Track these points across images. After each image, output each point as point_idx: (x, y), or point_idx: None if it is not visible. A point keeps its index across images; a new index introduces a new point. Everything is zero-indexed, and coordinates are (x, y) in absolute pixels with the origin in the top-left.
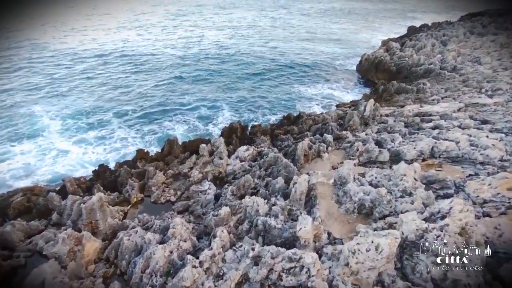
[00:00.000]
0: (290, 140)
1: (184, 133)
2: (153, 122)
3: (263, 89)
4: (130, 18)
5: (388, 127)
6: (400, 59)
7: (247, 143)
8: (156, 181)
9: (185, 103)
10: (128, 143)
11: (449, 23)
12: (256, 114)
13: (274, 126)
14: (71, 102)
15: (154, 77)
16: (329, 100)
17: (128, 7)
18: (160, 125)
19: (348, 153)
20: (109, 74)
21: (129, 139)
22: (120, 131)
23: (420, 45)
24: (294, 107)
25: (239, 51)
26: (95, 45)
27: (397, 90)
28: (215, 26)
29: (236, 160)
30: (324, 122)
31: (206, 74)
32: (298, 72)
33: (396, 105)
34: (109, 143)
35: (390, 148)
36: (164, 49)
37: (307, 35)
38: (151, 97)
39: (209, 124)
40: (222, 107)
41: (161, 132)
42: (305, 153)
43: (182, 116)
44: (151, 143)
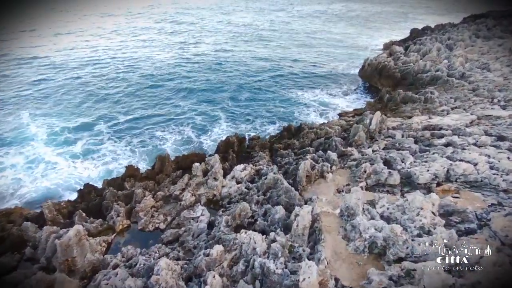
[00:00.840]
0: (291, 156)
1: (177, 146)
2: (144, 133)
3: (261, 95)
4: (125, 22)
5: (396, 143)
6: (405, 65)
7: (245, 157)
8: (144, 205)
9: (179, 111)
10: (118, 156)
11: (453, 25)
12: (253, 124)
13: (274, 139)
14: (60, 109)
15: (147, 83)
16: (330, 107)
17: (124, 10)
18: (152, 136)
19: (354, 174)
20: (100, 80)
21: (118, 152)
22: (109, 142)
23: (425, 50)
24: (293, 115)
25: (237, 55)
26: (87, 51)
27: (404, 99)
28: (213, 29)
29: (232, 181)
30: (327, 137)
31: (203, 79)
32: (297, 76)
33: (403, 115)
34: (97, 156)
35: (400, 169)
36: (159, 53)
37: (306, 38)
38: (144, 105)
39: (204, 135)
40: (218, 115)
41: (152, 144)
42: (307, 174)
43: (175, 126)
44: (141, 156)
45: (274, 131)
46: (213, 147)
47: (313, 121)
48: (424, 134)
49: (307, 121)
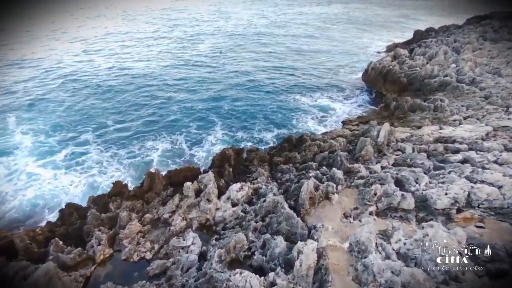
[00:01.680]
0: (292, 172)
1: (169, 158)
2: (134, 142)
3: (258, 100)
4: (121, 23)
5: (407, 158)
6: (411, 69)
7: (242, 171)
8: (129, 231)
9: (173, 117)
10: (105, 169)
11: (458, 27)
12: (250, 131)
13: (274, 151)
14: (48, 115)
15: (140, 88)
16: (331, 113)
17: (120, 10)
18: (142, 146)
19: (363, 196)
20: (91, 85)
21: (105, 164)
22: (96, 152)
23: (431, 53)
24: (291, 122)
25: (233, 58)
26: (80, 53)
27: (412, 107)
28: (210, 32)
29: (227, 202)
30: (331, 150)
31: (198, 82)
32: (296, 80)
33: (411, 125)
34: (82, 169)
35: (414, 192)
36: (153, 57)
37: (305, 39)
38: (135, 111)
39: (198, 144)
40: (213, 122)
41: (142, 155)
42: (310, 195)
43: (167, 134)
44: (129, 169)
45: (272, 139)
46: (207, 157)
47: (313, 128)
48: (437, 148)
49: (307, 129)
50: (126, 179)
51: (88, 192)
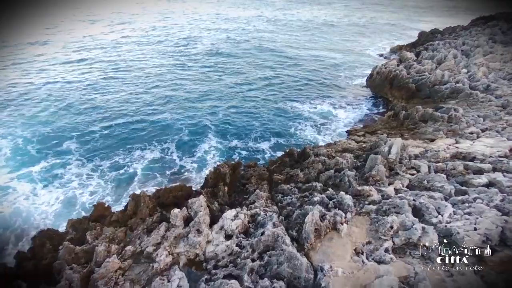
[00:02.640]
0: (294, 193)
1: (158, 171)
2: (120, 151)
3: (255, 106)
4: (115, 20)
5: (424, 179)
6: (420, 74)
7: (239, 192)
8: (105, 270)
9: (164, 123)
10: (86, 183)
11: (464, 28)
12: (246, 140)
13: (273, 166)
14: (30, 118)
15: (132, 91)
16: (333, 121)
17: (115, 8)
18: (128, 156)
19: (376, 228)
20: (79, 88)
21: (84, 177)
22: (77, 163)
23: (440, 57)
24: (289, 130)
25: (230, 61)
26: (71, 54)
27: (423, 117)
28: (205, 31)
29: (220, 233)
30: (338, 168)
31: (191, 86)
32: (295, 85)
33: (424, 137)
34: (60, 183)
35: (436, 224)
36: (147, 58)
37: (304, 42)
38: (124, 116)
39: (190, 154)
40: (207, 129)
41: (127, 168)
42: (316, 227)
43: (158, 142)
44: (112, 183)
45: (270, 149)
46: (199, 168)
47: (313, 138)
48: (456, 167)
49: (306, 138)
50: (109, 195)
51: (66, 211)
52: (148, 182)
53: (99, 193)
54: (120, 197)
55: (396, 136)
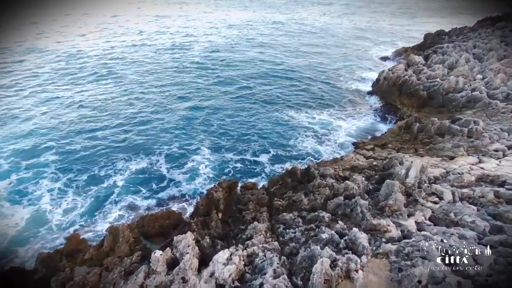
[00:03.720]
0: (298, 225)
1: (142, 184)
2: (102, 163)
3: (251, 114)
4: (109, 22)
5: (450, 211)
6: (431, 81)
7: (234, 220)
8: None
9: (154, 132)
10: (59, 200)
11: (472, 29)
12: (243, 153)
13: (274, 188)
14: (7, 128)
15: (122, 96)
16: (335, 132)
17: (107, 10)
18: (111, 168)
19: (399, 279)
20: (66, 90)
21: (58, 192)
22: (51, 177)
23: (451, 61)
24: (289, 141)
25: (225, 66)
26: (60, 55)
27: (439, 130)
28: (202, 33)
29: (210, 282)
30: (348, 195)
31: (184, 93)
32: (293, 91)
33: (442, 154)
34: (30, 199)
35: (475, 276)
36: (141, 61)
37: (303, 45)
38: (110, 123)
39: (180, 167)
40: (200, 139)
41: (107, 182)
42: (326, 277)
43: (145, 154)
44: (88, 199)
45: (268, 162)
46: (189, 181)
47: (314, 151)
48: (485, 194)
49: (308, 151)
50: (84, 214)
51: (32, 233)
52: (130, 199)
53: (73, 212)
54: (96, 217)
55: (409, 151)
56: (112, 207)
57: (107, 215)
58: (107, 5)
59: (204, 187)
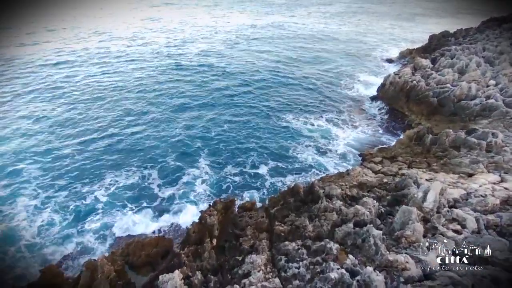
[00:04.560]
0: (303, 258)
1: (133, 203)
2: (87, 178)
3: (250, 121)
4: (103, 24)
5: (477, 244)
6: (440, 86)
7: (230, 248)
8: None
9: (146, 142)
10: (38, 219)
11: (478, 31)
12: (242, 164)
13: (275, 209)
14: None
15: (104, 104)
16: (336, 140)
17: (95, 13)
18: (97, 183)
19: None
20: (51, 98)
21: (31, 210)
22: (31, 193)
23: (461, 65)
24: (289, 153)
25: (223, 71)
26: (50, 59)
27: (455, 143)
28: (198, 37)
29: None
30: (359, 221)
31: (180, 99)
32: (296, 97)
33: (459, 171)
34: (3, 217)
35: None
36: (134, 66)
37: (305, 46)
38: (100, 134)
39: (174, 183)
40: (197, 149)
41: (91, 199)
42: None
43: (137, 167)
44: (70, 218)
45: (268, 174)
46: (182, 197)
47: (315, 161)
48: None
49: (309, 163)
50: (62, 237)
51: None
52: (115, 219)
53: (48, 233)
54: (72, 237)
55: (421, 165)
56: (94, 228)
57: (88, 240)
58: (99, 5)
59: (200, 204)
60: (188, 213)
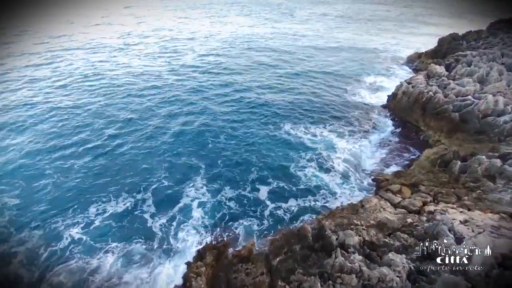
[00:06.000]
0: None
1: (115, 252)
2: (68, 205)
3: (248, 133)
4: (85, 33)
5: None
6: (462, 99)
7: None
8: None
9: (138, 159)
10: None
11: (491, 33)
12: (241, 185)
13: (278, 258)
14: None
15: (100, 114)
16: (347, 157)
17: (84, 20)
18: (79, 214)
19: None
20: (35, 112)
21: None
22: None
23: (481, 73)
24: (291, 171)
25: (220, 77)
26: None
27: (489, 172)
28: (195, 40)
29: None
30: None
31: (174, 109)
32: (299, 106)
33: (499, 210)
34: None
35: None
36: (119, 71)
37: (305, 50)
38: (86, 151)
39: (167, 211)
40: (193, 167)
41: (66, 235)
42: None
43: (128, 191)
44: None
45: (269, 199)
46: (175, 231)
47: (320, 181)
48: None
49: (312, 183)
50: None
51: None
52: (97, 262)
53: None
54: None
55: (449, 198)
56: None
57: None
58: (94, 6)
59: (195, 238)
60: (181, 250)
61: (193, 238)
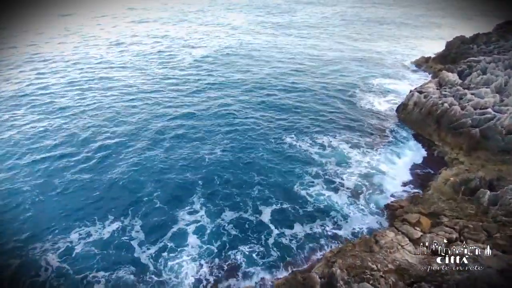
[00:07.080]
0: None
1: (106, 269)
2: (47, 229)
3: (250, 144)
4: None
5: None
6: (480, 112)
7: None
8: None
9: (127, 179)
10: None
11: (501, 36)
12: (242, 207)
13: None
14: None
15: (88, 126)
16: (354, 174)
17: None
18: (59, 239)
19: None
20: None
21: None
22: None
23: (499, 82)
24: (296, 189)
25: (219, 86)
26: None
27: None
28: (193, 43)
29: None
30: None
31: (168, 121)
32: (301, 116)
33: None
34: None
35: None
36: (110, 77)
37: (303, 59)
38: (68, 166)
39: (160, 246)
40: (189, 185)
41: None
42: None
43: (113, 215)
44: None
45: (272, 224)
46: (175, 269)
47: (327, 202)
48: None
49: (319, 204)
50: None
51: None
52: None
53: None
54: None
55: (478, 235)
56: None
57: None
58: (92, 6)
59: (192, 269)
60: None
61: (189, 269)
